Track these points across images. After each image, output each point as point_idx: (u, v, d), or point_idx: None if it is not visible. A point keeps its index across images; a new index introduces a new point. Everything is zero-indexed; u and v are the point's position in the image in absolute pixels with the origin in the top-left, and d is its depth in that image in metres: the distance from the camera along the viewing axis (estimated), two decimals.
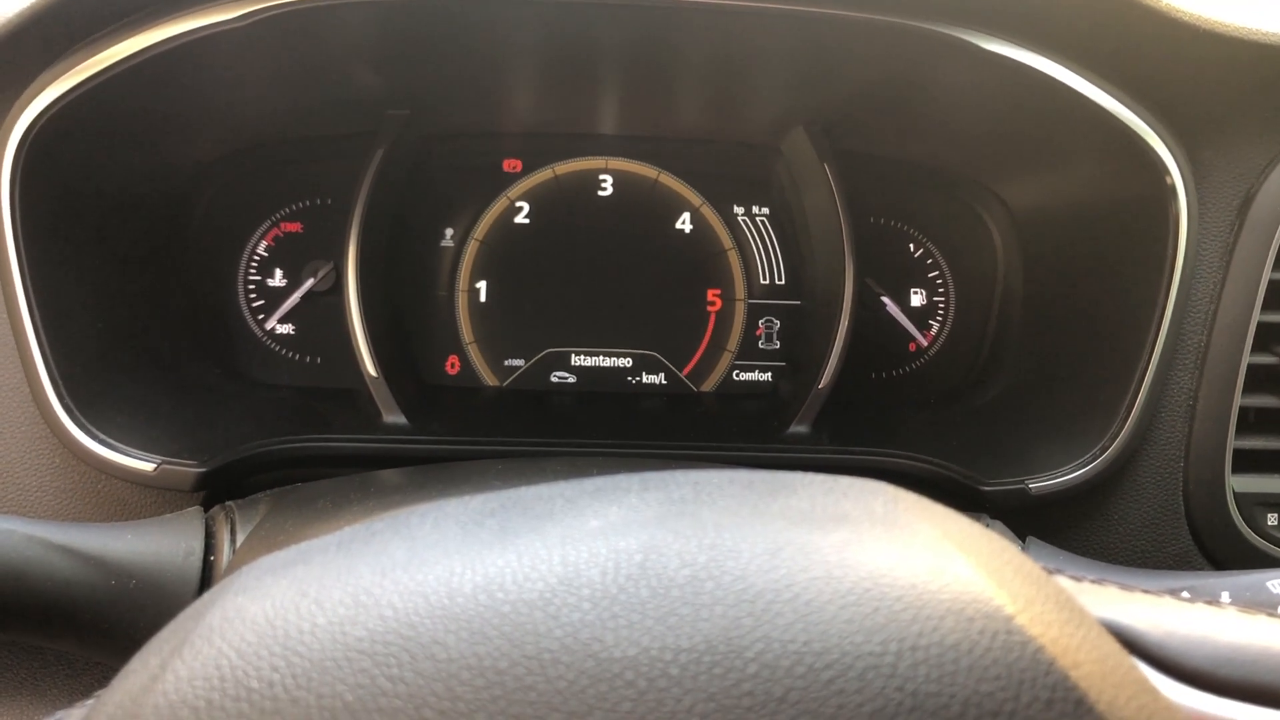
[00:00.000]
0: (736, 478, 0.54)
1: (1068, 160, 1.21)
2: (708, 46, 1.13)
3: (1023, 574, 0.50)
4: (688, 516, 0.49)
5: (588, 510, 0.50)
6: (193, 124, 1.21)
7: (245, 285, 1.37)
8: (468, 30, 1.09)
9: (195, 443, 1.11)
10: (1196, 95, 1.08)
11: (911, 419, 1.35)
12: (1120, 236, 1.17)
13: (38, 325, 1.04)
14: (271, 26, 0.99)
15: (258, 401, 1.29)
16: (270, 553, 0.82)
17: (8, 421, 1.09)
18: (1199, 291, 1.13)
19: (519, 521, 0.50)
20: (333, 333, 1.34)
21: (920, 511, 0.52)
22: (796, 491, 0.52)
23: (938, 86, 1.16)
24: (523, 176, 1.40)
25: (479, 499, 0.53)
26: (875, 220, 1.42)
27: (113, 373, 1.13)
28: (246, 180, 1.35)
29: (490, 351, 1.40)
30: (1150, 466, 1.16)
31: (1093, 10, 0.98)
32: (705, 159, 1.41)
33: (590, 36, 1.12)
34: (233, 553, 0.85)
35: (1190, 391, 1.15)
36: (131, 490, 1.11)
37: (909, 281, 1.43)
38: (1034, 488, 1.12)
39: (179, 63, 1.02)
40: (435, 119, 1.32)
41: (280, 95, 1.22)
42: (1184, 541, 1.16)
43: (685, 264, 1.41)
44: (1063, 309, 1.27)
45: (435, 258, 1.39)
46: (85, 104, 1.02)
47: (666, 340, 1.42)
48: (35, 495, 1.10)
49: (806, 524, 0.49)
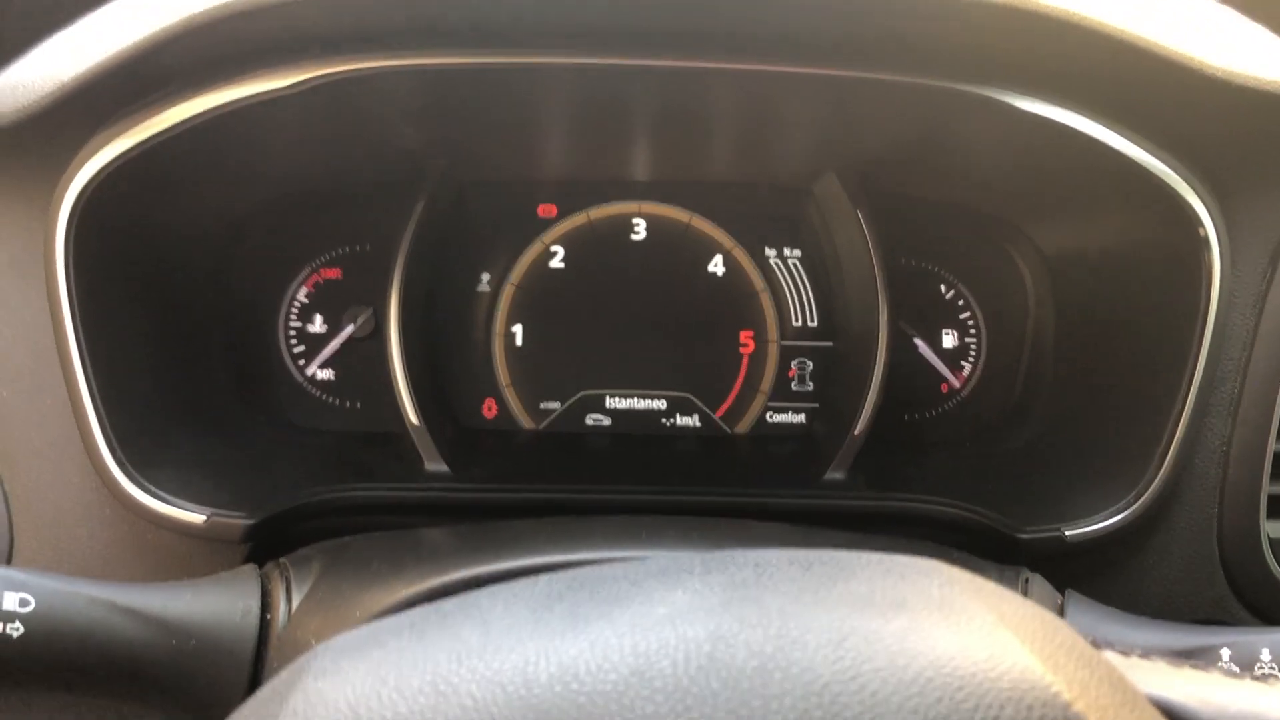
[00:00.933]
0: (796, 559, 0.55)
1: (1100, 208, 1.22)
2: (739, 104, 1.15)
3: (1075, 655, 0.51)
4: (752, 602, 0.51)
5: (654, 595, 0.52)
6: (237, 177, 1.24)
7: (286, 332, 1.39)
8: (506, 90, 1.12)
9: (242, 492, 1.13)
10: (1228, 147, 1.09)
11: (946, 461, 1.36)
12: (1153, 284, 1.18)
13: (90, 381, 1.07)
14: (319, 93, 1.01)
15: (301, 449, 1.31)
16: (328, 616, 0.84)
17: (62, 474, 1.11)
18: (1232, 338, 1.14)
19: (588, 607, 0.51)
20: (372, 377, 1.36)
21: (974, 594, 0.53)
22: (855, 574, 0.54)
23: (969, 139, 1.17)
24: (557, 221, 1.43)
25: (545, 580, 0.55)
26: (906, 261, 1.43)
27: (162, 424, 1.16)
28: (287, 228, 1.37)
29: (526, 395, 1.43)
30: (1185, 512, 1.17)
31: (1123, 67, 1.00)
32: (737, 202, 1.43)
33: (623, 94, 1.14)
34: (288, 612, 0.87)
35: (1224, 437, 1.15)
36: (180, 540, 1.13)
37: (941, 322, 1.44)
38: (1070, 534, 1.13)
39: (227, 122, 1.05)
40: (472, 168, 1.34)
41: (323, 149, 1.25)
42: (1220, 588, 1.17)
43: (718, 306, 1.43)
44: (1095, 352, 1.28)
45: (472, 302, 1.42)
46: (136, 164, 1.04)
47: (700, 382, 1.44)
48: (87, 545, 1.13)
49: (868, 610, 0.50)
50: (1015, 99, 1.03)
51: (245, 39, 1.00)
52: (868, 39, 1.04)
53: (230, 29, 0.96)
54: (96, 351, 1.08)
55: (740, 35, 1.04)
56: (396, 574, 0.86)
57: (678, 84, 1.11)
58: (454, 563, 0.86)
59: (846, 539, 1.02)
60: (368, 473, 1.24)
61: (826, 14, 0.99)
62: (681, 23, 1.02)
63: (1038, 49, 1.00)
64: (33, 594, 0.76)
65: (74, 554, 1.13)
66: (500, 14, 1.00)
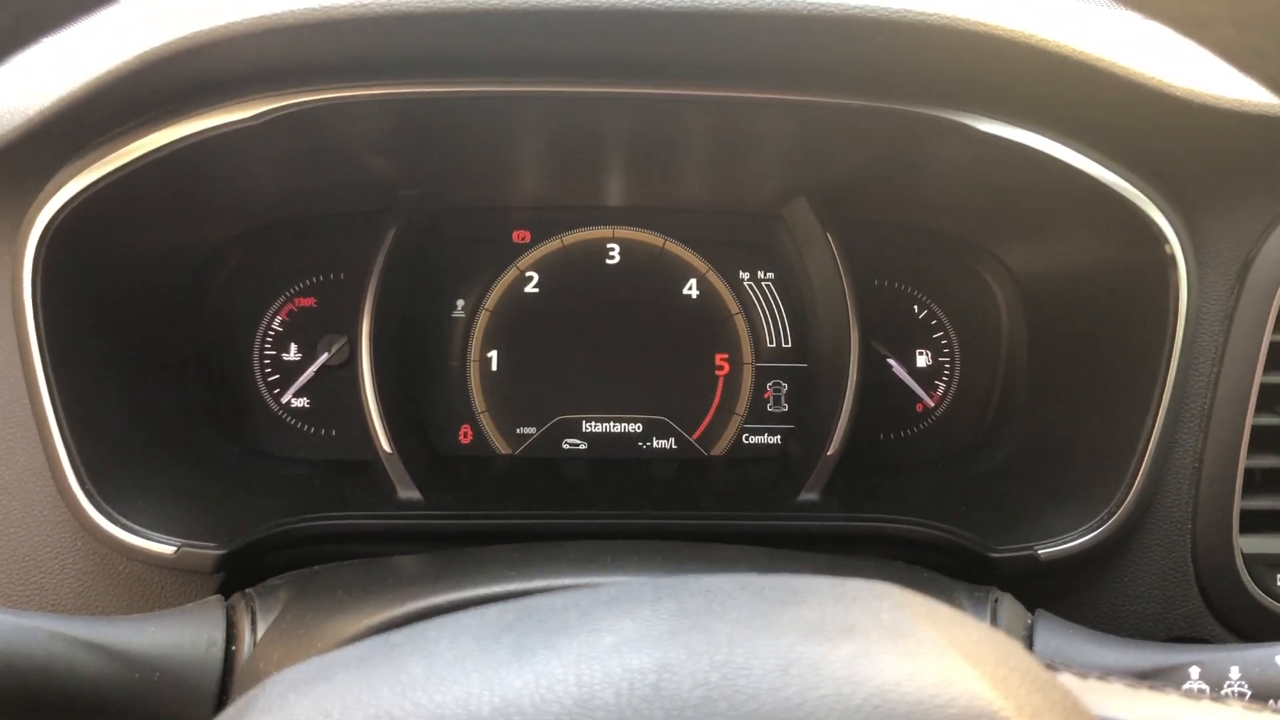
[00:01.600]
0: (748, 584, 0.55)
1: (1067, 229, 1.23)
2: (709, 129, 1.16)
3: (1028, 679, 0.51)
4: (700, 630, 0.50)
5: (602, 624, 0.52)
6: (208, 208, 1.24)
7: (261, 360, 1.39)
8: (476, 119, 1.12)
9: (214, 523, 1.13)
10: (1192, 165, 1.10)
11: (920, 481, 1.37)
12: (1122, 302, 1.18)
13: (59, 411, 1.07)
14: (285, 123, 1.01)
15: (274, 478, 1.30)
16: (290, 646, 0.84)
17: (30, 505, 1.11)
18: (1201, 355, 1.14)
19: (535, 637, 0.51)
20: (346, 405, 1.36)
21: (926, 617, 0.53)
22: (806, 600, 0.53)
23: (936, 162, 1.18)
24: (532, 247, 1.43)
25: (494, 611, 0.55)
26: (879, 282, 1.44)
27: (133, 455, 1.15)
28: (260, 258, 1.37)
29: (502, 420, 1.42)
30: (1158, 529, 1.17)
31: (1084, 89, 1.00)
32: (710, 226, 1.43)
33: (595, 120, 1.15)
34: (254, 644, 0.86)
35: (1196, 454, 1.16)
36: (152, 571, 1.12)
37: (914, 343, 1.44)
38: (1043, 553, 1.13)
39: (194, 153, 1.05)
40: (445, 195, 1.34)
41: (293, 179, 1.25)
42: (1194, 604, 1.17)
43: (693, 329, 1.43)
44: (1068, 371, 1.28)
45: (447, 329, 1.42)
46: (103, 197, 1.05)
47: (676, 405, 1.44)
48: (57, 578, 1.12)
49: (815, 636, 0.50)
50: (977, 121, 1.04)
51: (210, 71, 1.00)
52: (833, 65, 1.04)
53: (194, 61, 0.96)
54: (65, 383, 1.07)
55: (709, 63, 1.04)
56: (360, 603, 0.85)
57: (649, 110, 1.12)
58: (417, 592, 0.85)
59: (813, 561, 1.02)
60: (341, 501, 1.23)
61: (792, 41, 1.00)
62: (651, 51, 1.03)
63: (998, 72, 1.01)
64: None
65: (45, 587, 1.13)
66: (466, 43, 1.01)
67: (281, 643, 0.84)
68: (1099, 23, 1.01)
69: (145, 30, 0.96)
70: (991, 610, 0.96)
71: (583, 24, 0.95)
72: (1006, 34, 0.94)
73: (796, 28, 0.94)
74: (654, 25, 0.94)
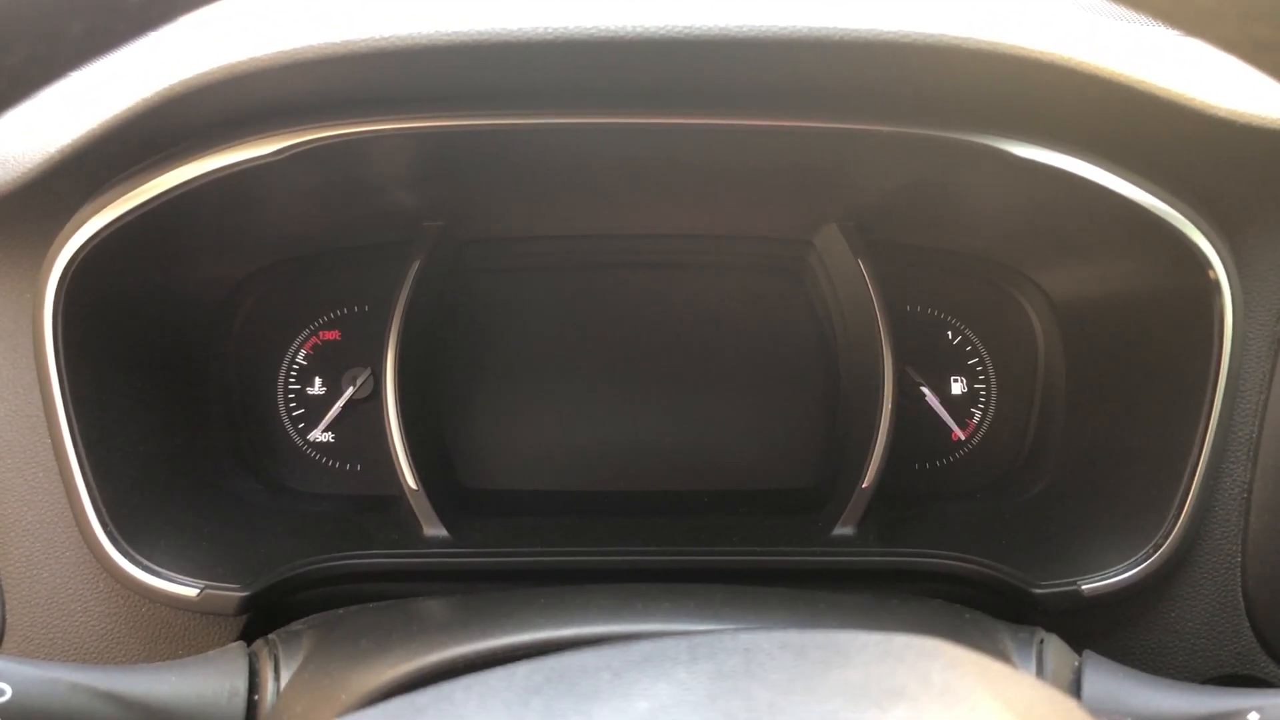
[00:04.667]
0: (789, 643, 0.52)
1: (1107, 253, 1.20)
2: (738, 158, 1.14)
3: None
4: (740, 694, 0.48)
5: (635, 688, 0.49)
6: (230, 243, 1.23)
7: (285, 395, 1.37)
8: (500, 150, 1.11)
9: (238, 563, 1.11)
10: (1236, 187, 1.07)
11: (956, 513, 1.33)
12: (1164, 328, 1.15)
13: (80, 452, 1.05)
14: (307, 157, 1.00)
15: (299, 516, 1.29)
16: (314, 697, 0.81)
17: (52, 547, 1.10)
18: (1248, 381, 1.11)
19: (565, 702, 0.49)
20: (371, 440, 1.34)
21: (979, 678, 0.50)
22: (851, 660, 0.51)
23: (971, 187, 1.15)
24: (554, 276, 1.41)
25: (523, 671, 0.52)
26: (911, 308, 1.41)
27: (155, 495, 1.14)
28: (283, 291, 1.36)
29: (528, 452, 1.40)
30: (1207, 562, 1.13)
31: (1124, 111, 0.98)
32: (739, 253, 1.41)
33: (622, 150, 1.13)
34: (277, 693, 0.84)
35: (1244, 484, 1.12)
36: (176, 614, 1.11)
37: (948, 370, 1.41)
38: (1087, 589, 1.10)
39: (216, 188, 1.04)
40: (469, 227, 1.32)
41: (316, 213, 1.24)
42: (1245, 639, 1.13)
43: (721, 358, 1.41)
44: (1108, 399, 1.25)
45: (470, 360, 1.40)
46: (124, 233, 1.04)
47: (703, 436, 1.41)
48: (81, 621, 1.11)
49: (862, 701, 0.47)
50: (1014, 146, 1.02)
51: (231, 106, 0.99)
52: (868, 91, 1.02)
53: (215, 97, 0.95)
54: (87, 423, 1.06)
55: (740, 91, 1.03)
56: (385, 652, 0.83)
57: (678, 139, 1.10)
58: (442, 640, 0.83)
59: (854, 605, 0.98)
60: (366, 539, 1.21)
61: (826, 68, 0.98)
62: (681, 79, 1.01)
63: (1036, 95, 0.99)
64: (9, 683, 0.74)
65: (67, 631, 1.11)
66: (490, 75, 0.99)
67: (306, 694, 0.82)
68: (1137, 43, 0.98)
69: (166, 66, 0.95)
70: (1038, 653, 0.92)
71: (611, 54, 0.93)
72: (1045, 57, 0.91)
73: (831, 54, 0.92)
74: (685, 54, 0.93)
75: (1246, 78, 0.99)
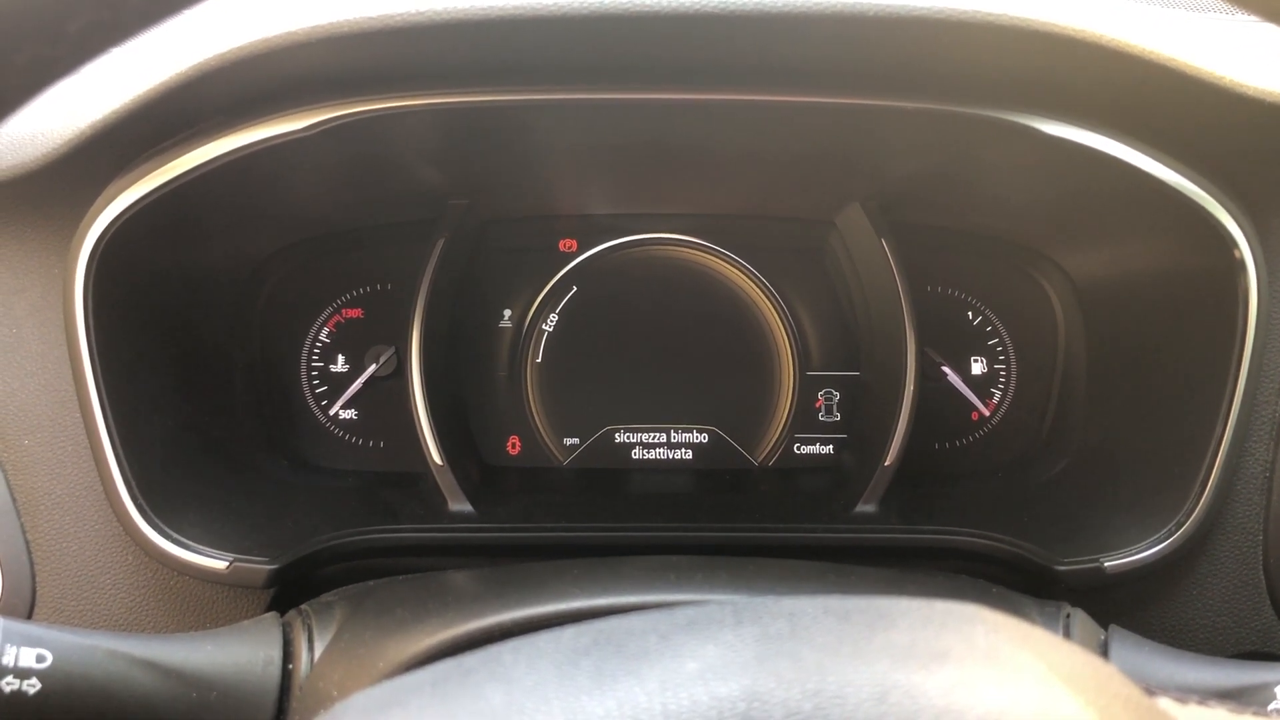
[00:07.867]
0: (832, 608, 0.53)
1: (1131, 233, 1.20)
2: (761, 136, 1.14)
3: (1130, 707, 0.49)
4: (787, 656, 0.48)
5: (684, 649, 0.50)
6: (258, 220, 1.24)
7: (309, 372, 1.38)
8: (526, 128, 1.11)
9: (265, 537, 1.12)
10: (1262, 166, 1.07)
11: (977, 491, 1.34)
12: (1187, 307, 1.15)
13: (111, 428, 1.06)
14: (336, 133, 1.01)
15: (324, 491, 1.30)
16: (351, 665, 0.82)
17: (84, 523, 1.11)
18: (1271, 360, 1.11)
19: (614, 663, 0.49)
20: (395, 417, 1.35)
21: (1021, 642, 0.51)
22: (895, 624, 0.51)
23: (996, 166, 1.15)
24: (578, 256, 1.41)
25: (570, 633, 0.53)
26: (933, 289, 1.41)
27: (184, 470, 1.15)
28: (308, 268, 1.37)
29: (550, 431, 1.41)
30: (1228, 540, 1.14)
31: (1152, 89, 0.98)
32: (759, 233, 1.41)
33: (646, 128, 1.13)
34: (311, 662, 0.85)
35: (1267, 463, 1.12)
36: (204, 586, 1.12)
37: (969, 350, 1.41)
38: (1109, 566, 1.10)
39: (245, 165, 1.04)
40: (493, 205, 1.33)
41: (343, 190, 1.24)
42: (1266, 617, 1.14)
43: (742, 338, 1.41)
44: (1130, 378, 1.25)
45: (494, 339, 1.40)
46: (154, 208, 1.04)
47: (725, 415, 1.42)
48: (110, 594, 1.12)
49: (910, 662, 0.48)
50: (1042, 123, 1.02)
51: (262, 82, 1.00)
52: (891, 67, 1.02)
53: (245, 72, 0.96)
54: (117, 398, 1.07)
55: (766, 67, 1.02)
56: (420, 622, 0.84)
57: (702, 116, 1.10)
58: (478, 609, 0.84)
59: (882, 577, 0.99)
60: (391, 514, 1.22)
61: (854, 44, 0.98)
62: (707, 55, 1.01)
63: (1064, 72, 0.99)
64: (50, 649, 0.75)
65: (97, 602, 1.12)
66: (517, 52, 1.00)
67: (343, 661, 0.83)
68: (1167, 22, 0.98)
69: (195, 42, 0.95)
70: (1064, 627, 0.93)
71: (641, 28, 0.93)
72: (1076, 33, 0.91)
73: (865, 29, 0.92)
74: (716, 28, 0.92)
75: (1275, 58, 0.99)
